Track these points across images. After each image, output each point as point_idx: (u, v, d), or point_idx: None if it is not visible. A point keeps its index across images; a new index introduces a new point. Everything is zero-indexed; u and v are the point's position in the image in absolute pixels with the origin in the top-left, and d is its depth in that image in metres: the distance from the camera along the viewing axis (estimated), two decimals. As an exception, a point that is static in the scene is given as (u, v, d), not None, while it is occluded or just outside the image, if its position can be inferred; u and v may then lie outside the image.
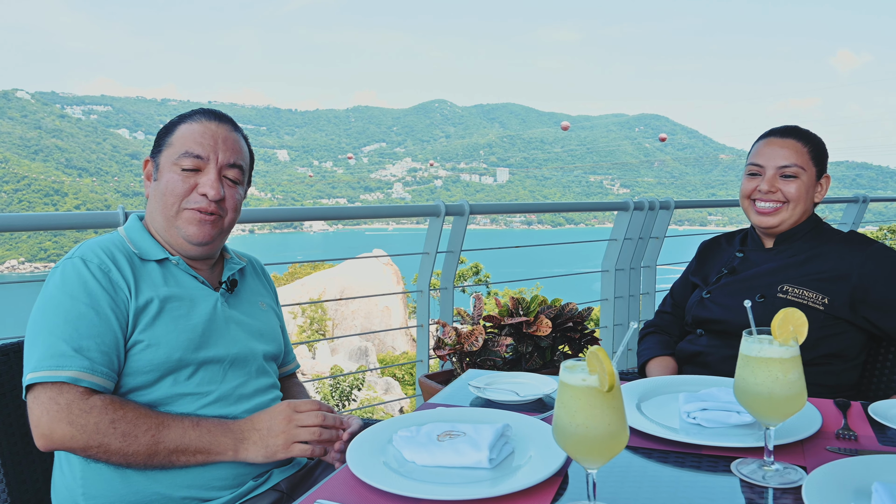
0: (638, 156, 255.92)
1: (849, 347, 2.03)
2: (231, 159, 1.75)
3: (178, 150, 1.71)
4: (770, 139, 2.15)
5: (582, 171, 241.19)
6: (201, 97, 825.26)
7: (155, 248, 1.72)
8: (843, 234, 2.12)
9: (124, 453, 1.50)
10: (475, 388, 1.79)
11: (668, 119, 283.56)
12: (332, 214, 4.44)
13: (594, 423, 1.07)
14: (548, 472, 1.25)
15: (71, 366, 1.49)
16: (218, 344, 1.70)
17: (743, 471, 1.28)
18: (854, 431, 1.46)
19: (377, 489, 1.23)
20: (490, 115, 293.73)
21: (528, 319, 3.81)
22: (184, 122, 1.75)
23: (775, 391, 1.23)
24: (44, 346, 1.51)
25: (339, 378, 17.75)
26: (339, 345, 23.92)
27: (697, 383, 1.75)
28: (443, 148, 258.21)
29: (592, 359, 1.07)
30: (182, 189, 1.70)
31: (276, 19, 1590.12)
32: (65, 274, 1.59)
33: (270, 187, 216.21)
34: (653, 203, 5.31)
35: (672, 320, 2.39)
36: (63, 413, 1.47)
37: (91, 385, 1.51)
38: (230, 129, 1.79)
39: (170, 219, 1.71)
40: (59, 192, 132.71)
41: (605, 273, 5.44)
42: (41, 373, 1.49)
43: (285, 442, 1.59)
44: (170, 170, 1.71)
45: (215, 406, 1.66)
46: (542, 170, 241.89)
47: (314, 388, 17.70)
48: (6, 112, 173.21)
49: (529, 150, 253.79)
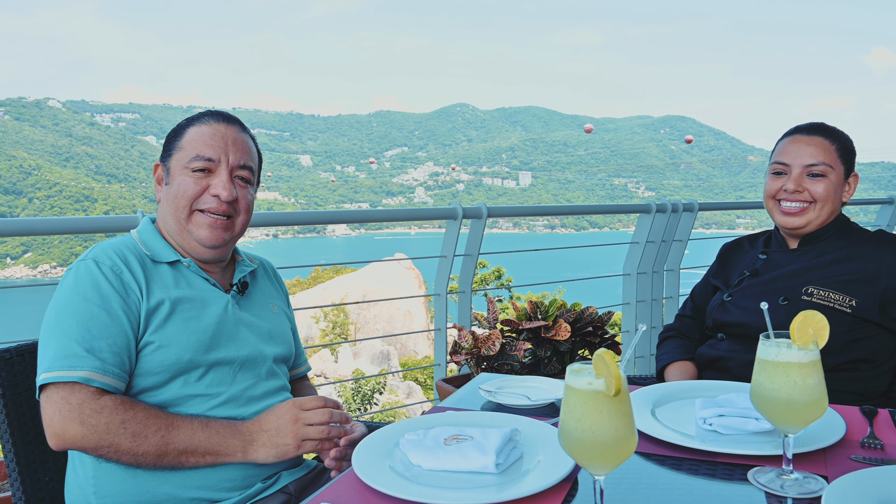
0: (664, 158, 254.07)
1: (878, 352, 1.95)
2: (242, 160, 1.75)
3: (189, 154, 1.71)
4: (796, 136, 2.07)
5: (606, 175, 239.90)
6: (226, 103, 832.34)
7: (166, 250, 1.72)
8: (872, 234, 2.05)
9: (134, 453, 1.50)
10: (486, 392, 1.75)
11: (695, 120, 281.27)
12: (349, 218, 4.42)
13: (601, 428, 1.03)
14: (555, 478, 1.21)
15: (83, 366, 1.50)
16: (228, 346, 1.70)
17: (760, 480, 1.23)
18: (880, 440, 1.39)
19: (381, 493, 1.21)
20: (512, 118, 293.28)
21: (546, 324, 3.77)
22: (192, 125, 1.75)
23: (794, 397, 1.17)
24: (57, 347, 1.52)
25: (361, 382, 17.75)
26: (362, 349, 23.93)
27: (715, 389, 1.70)
28: (465, 152, 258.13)
29: (599, 362, 1.03)
30: (194, 191, 1.70)
31: (299, 25, 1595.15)
32: (77, 276, 1.60)
33: (294, 192, 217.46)
34: (676, 205, 5.24)
35: (692, 324, 2.33)
36: (75, 412, 1.48)
37: (102, 385, 1.51)
38: (239, 129, 1.78)
39: (182, 222, 1.72)
40: (90, 198, 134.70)
41: (627, 277, 5.37)
42: (54, 373, 1.50)
43: (294, 441, 1.58)
44: (181, 173, 1.71)
45: (225, 407, 1.66)
46: (565, 173, 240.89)
47: (336, 390, 17.73)
48: (38, 120, 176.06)
49: (552, 154, 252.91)
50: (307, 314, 25.49)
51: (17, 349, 1.71)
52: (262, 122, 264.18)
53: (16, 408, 1.66)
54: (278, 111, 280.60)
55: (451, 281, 4.43)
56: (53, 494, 1.70)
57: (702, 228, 26.23)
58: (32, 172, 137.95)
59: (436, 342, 4.46)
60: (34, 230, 3.27)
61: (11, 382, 1.67)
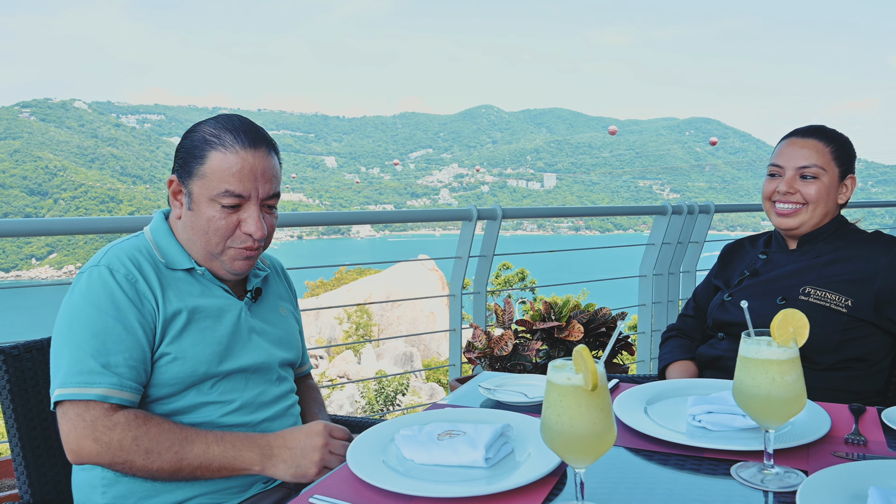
0: (688, 160, 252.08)
1: (873, 351, 1.97)
2: (270, 191, 1.67)
3: (216, 187, 1.62)
4: (792, 139, 2.11)
5: (631, 176, 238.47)
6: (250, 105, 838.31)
7: (182, 256, 1.68)
8: (868, 235, 2.07)
9: (149, 469, 1.51)
10: (485, 390, 1.79)
11: (720, 122, 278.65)
12: (365, 219, 4.48)
13: (579, 421, 1.07)
14: (543, 471, 1.25)
15: (99, 383, 1.49)
16: (241, 355, 1.69)
17: (742, 474, 1.26)
18: (864, 437, 1.42)
19: (372, 486, 1.25)
20: (537, 120, 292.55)
21: (559, 324, 3.80)
22: (215, 150, 1.62)
23: (773, 393, 1.21)
24: (71, 360, 1.51)
25: (384, 383, 17.85)
26: (384, 351, 24.03)
27: (709, 387, 1.73)
28: (489, 153, 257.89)
29: (577, 358, 1.07)
30: (226, 229, 1.64)
31: (324, 27, 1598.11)
32: (90, 283, 1.57)
33: (318, 194, 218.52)
34: (692, 207, 5.24)
35: (694, 324, 2.35)
36: (89, 430, 1.48)
37: (119, 401, 1.51)
38: (265, 154, 1.67)
39: (212, 253, 1.67)
40: (115, 199, 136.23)
41: (643, 278, 5.38)
42: (69, 389, 1.49)
43: (317, 466, 1.57)
44: (208, 205, 1.63)
45: (237, 414, 1.66)
46: (590, 175, 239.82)
47: (359, 391, 17.82)
48: (65, 122, 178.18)
49: (577, 155, 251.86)
50: (330, 316, 25.65)
51: (26, 345, 1.71)
52: (287, 123, 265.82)
53: (23, 403, 1.67)
54: (303, 112, 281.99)
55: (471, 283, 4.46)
56: (60, 489, 1.72)
57: (726, 231, 25.90)
58: (58, 173, 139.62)
59: (450, 342, 4.50)
60: (58, 230, 3.35)
61: (19, 378, 1.68)
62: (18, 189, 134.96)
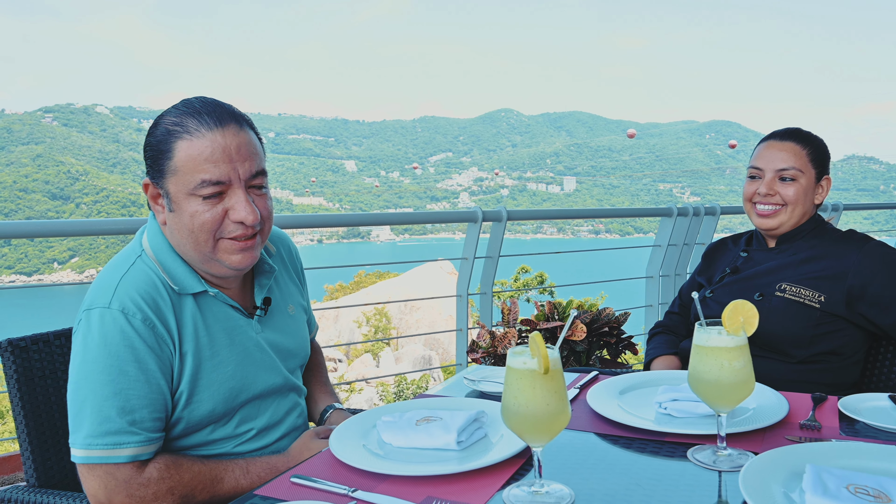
0: (709, 163, 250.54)
1: (846, 345, 2.04)
2: (253, 168, 1.52)
3: (192, 180, 1.47)
4: (770, 142, 2.18)
5: (651, 180, 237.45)
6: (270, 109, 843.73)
7: (191, 279, 1.57)
8: (842, 233, 2.14)
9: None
10: (469, 381, 1.88)
11: (740, 125, 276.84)
12: (376, 220, 4.58)
13: (534, 402, 1.15)
14: (510, 452, 1.33)
15: (128, 443, 1.44)
16: (255, 381, 1.65)
17: (697, 456, 1.34)
18: (818, 423, 1.49)
19: (350, 466, 1.34)
20: (556, 123, 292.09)
21: (562, 324, 3.87)
22: (180, 140, 1.47)
23: (722, 378, 1.29)
24: (95, 418, 1.43)
25: (403, 385, 18.02)
26: (403, 354, 24.16)
27: (680, 378, 1.81)
28: (509, 157, 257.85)
29: (532, 344, 1.16)
30: (212, 223, 1.50)
31: (344, 32, 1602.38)
32: (104, 330, 1.45)
33: (338, 197, 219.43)
34: (697, 209, 5.30)
35: (680, 320, 2.43)
36: (122, 487, 1.44)
37: (149, 456, 1.48)
38: (236, 130, 1.50)
39: (206, 253, 1.54)
40: (136, 203, 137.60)
41: (650, 279, 5.44)
42: (98, 452, 1.43)
43: None
44: (188, 201, 1.49)
45: (252, 441, 1.68)
46: (610, 178, 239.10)
47: (378, 394, 17.95)
48: (87, 126, 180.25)
49: (597, 159, 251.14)
50: (349, 319, 25.84)
51: (32, 338, 1.74)
52: (308, 127, 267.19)
53: (30, 394, 1.70)
54: (323, 117, 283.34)
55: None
56: (67, 482, 1.74)
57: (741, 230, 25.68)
58: (80, 178, 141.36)
59: (457, 342, 4.59)
60: (81, 231, 3.47)
61: (26, 369, 1.70)
62: (41, 193, 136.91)
